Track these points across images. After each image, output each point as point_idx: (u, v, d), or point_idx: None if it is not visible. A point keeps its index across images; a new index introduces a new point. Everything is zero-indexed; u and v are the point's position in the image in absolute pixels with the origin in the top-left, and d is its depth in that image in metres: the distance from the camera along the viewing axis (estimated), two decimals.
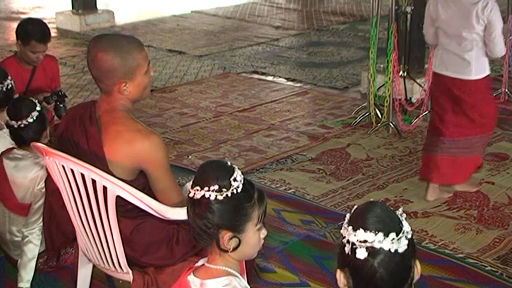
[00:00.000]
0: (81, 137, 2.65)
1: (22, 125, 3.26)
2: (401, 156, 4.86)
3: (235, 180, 1.97)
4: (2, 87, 3.57)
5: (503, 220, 3.93)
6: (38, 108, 3.31)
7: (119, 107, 2.64)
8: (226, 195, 1.95)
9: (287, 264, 3.53)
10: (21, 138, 3.29)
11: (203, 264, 2.05)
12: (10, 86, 3.62)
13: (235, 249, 1.99)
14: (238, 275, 2.02)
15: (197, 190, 1.95)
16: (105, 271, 2.83)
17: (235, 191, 1.96)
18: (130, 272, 2.69)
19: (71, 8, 9.41)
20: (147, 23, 9.42)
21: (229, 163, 2.04)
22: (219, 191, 1.95)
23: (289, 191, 4.31)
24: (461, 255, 3.58)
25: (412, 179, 4.47)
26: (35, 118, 3.27)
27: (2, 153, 3.34)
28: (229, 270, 2.01)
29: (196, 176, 1.99)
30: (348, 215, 1.70)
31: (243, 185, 1.99)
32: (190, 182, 2.01)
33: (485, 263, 3.51)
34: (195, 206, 1.97)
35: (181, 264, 2.76)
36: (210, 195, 1.94)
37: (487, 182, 4.40)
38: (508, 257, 3.57)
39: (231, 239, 1.98)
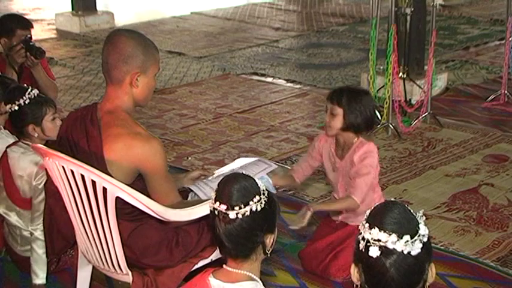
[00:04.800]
0: (81, 138, 2.65)
1: (17, 107, 3.27)
2: (400, 158, 4.86)
3: (260, 183, 2.02)
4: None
5: (503, 222, 3.94)
6: (33, 91, 3.32)
7: (123, 106, 2.65)
8: (265, 200, 1.99)
9: (286, 266, 3.53)
10: (21, 122, 3.30)
11: (221, 267, 2.05)
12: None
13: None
14: (260, 281, 2.04)
15: (240, 208, 1.95)
16: (105, 272, 2.83)
17: (267, 193, 2.01)
18: (129, 273, 2.69)
19: (70, 9, 9.41)
20: (147, 24, 9.41)
21: (240, 172, 2.08)
22: (259, 200, 1.97)
23: (289, 192, 4.31)
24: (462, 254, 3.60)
25: (412, 181, 4.48)
26: (29, 99, 3.28)
27: (7, 146, 3.36)
28: (251, 275, 2.02)
29: (230, 197, 1.97)
30: (368, 211, 1.72)
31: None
32: (213, 204, 1.99)
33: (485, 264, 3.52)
34: (236, 223, 1.96)
35: (181, 265, 2.76)
36: (256, 207, 1.96)
37: (486, 184, 4.40)
38: (507, 258, 3.57)
39: (271, 239, 2.04)
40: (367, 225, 1.68)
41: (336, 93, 3.31)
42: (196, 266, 2.78)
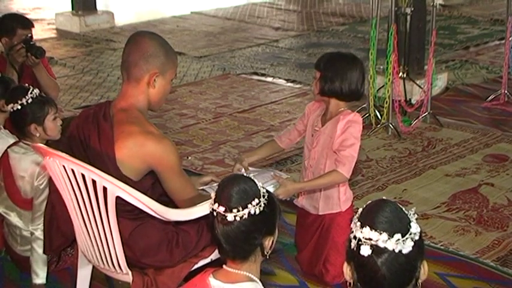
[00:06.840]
0: (93, 134, 2.66)
1: (20, 106, 3.27)
2: (400, 158, 4.86)
3: (261, 186, 2.01)
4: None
5: (503, 222, 3.94)
6: (34, 91, 3.32)
7: (137, 104, 2.67)
8: (264, 203, 1.98)
9: (286, 265, 3.54)
10: (23, 122, 3.30)
11: (221, 267, 2.05)
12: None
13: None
14: (259, 282, 2.04)
15: (238, 211, 1.94)
16: (105, 272, 2.83)
17: (267, 196, 2.00)
18: (129, 272, 2.69)
19: (70, 9, 9.41)
20: (147, 24, 9.41)
21: (240, 173, 2.06)
22: (258, 203, 1.97)
23: None
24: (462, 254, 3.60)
25: (412, 181, 4.48)
26: (31, 98, 3.28)
27: (8, 147, 3.36)
28: (251, 276, 2.03)
29: (229, 200, 1.96)
30: (360, 210, 1.72)
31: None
32: (212, 205, 1.99)
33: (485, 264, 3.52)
34: (234, 225, 1.96)
35: (181, 265, 2.77)
36: (255, 210, 1.95)
37: (486, 184, 4.40)
38: (507, 258, 3.57)
39: (270, 241, 2.04)
40: (358, 224, 1.68)
41: (320, 57, 3.22)
42: (196, 266, 2.78)
